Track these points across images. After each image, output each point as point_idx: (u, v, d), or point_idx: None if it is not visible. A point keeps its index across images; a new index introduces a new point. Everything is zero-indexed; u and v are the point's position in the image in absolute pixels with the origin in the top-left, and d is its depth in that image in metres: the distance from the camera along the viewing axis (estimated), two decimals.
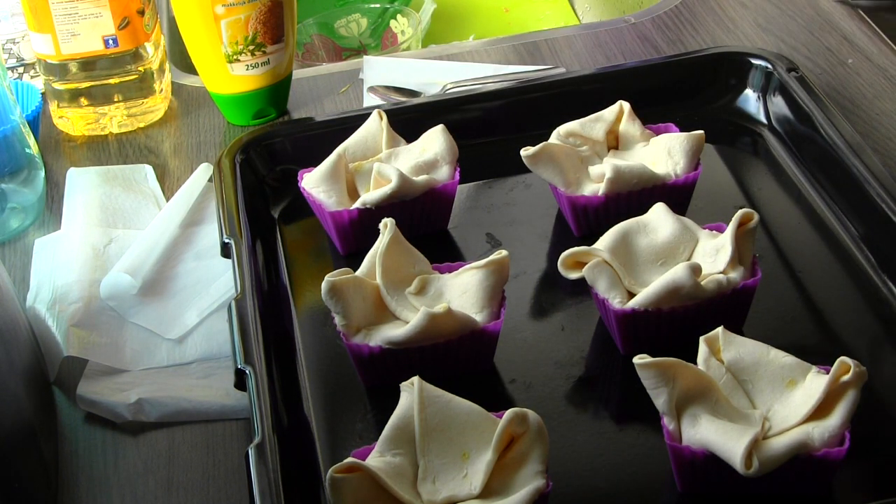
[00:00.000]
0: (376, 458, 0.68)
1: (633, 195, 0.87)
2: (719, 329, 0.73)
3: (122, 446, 0.79)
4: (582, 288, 0.80)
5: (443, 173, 0.90)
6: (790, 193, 0.93)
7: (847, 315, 0.82)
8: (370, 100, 1.10)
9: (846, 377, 0.68)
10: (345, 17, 1.50)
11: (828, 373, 0.68)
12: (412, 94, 1.09)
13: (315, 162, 0.91)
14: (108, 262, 0.91)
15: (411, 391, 0.70)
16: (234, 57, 1.03)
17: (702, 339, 0.72)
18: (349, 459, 0.67)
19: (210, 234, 0.95)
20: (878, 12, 1.16)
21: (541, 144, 0.88)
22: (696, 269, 0.76)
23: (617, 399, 0.79)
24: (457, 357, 0.78)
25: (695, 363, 0.71)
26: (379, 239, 0.80)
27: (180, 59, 1.19)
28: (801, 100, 0.96)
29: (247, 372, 0.75)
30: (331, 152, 0.90)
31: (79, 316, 0.86)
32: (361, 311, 0.78)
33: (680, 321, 0.77)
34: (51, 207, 1.00)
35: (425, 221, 0.90)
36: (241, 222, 0.88)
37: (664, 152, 0.89)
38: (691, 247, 0.81)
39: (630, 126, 0.92)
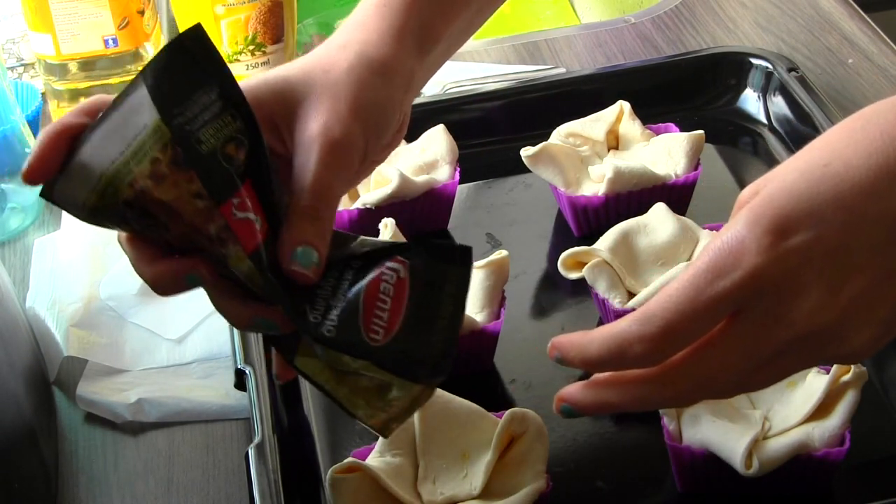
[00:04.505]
0: (376, 459, 0.68)
1: (633, 195, 0.87)
2: None
3: (122, 446, 0.79)
4: (582, 288, 0.80)
5: (443, 173, 0.90)
6: None
7: None
8: None
9: (846, 377, 0.68)
10: (345, 18, 1.50)
11: (828, 373, 0.68)
12: None
13: None
14: (108, 262, 0.91)
15: None
16: (234, 57, 1.03)
17: None
18: (349, 459, 0.67)
19: None
20: (877, 12, 1.16)
21: (541, 144, 0.88)
22: None
23: None
24: (457, 357, 0.77)
25: None
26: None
27: None
28: (801, 100, 0.96)
29: (247, 372, 0.75)
30: None
31: (79, 316, 0.86)
32: None
33: None
34: (51, 207, 0.99)
35: (425, 221, 0.90)
36: None
37: (664, 152, 0.89)
38: (691, 247, 0.81)
39: (630, 126, 0.92)
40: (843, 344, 0.51)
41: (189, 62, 0.54)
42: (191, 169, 0.53)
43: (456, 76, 1.10)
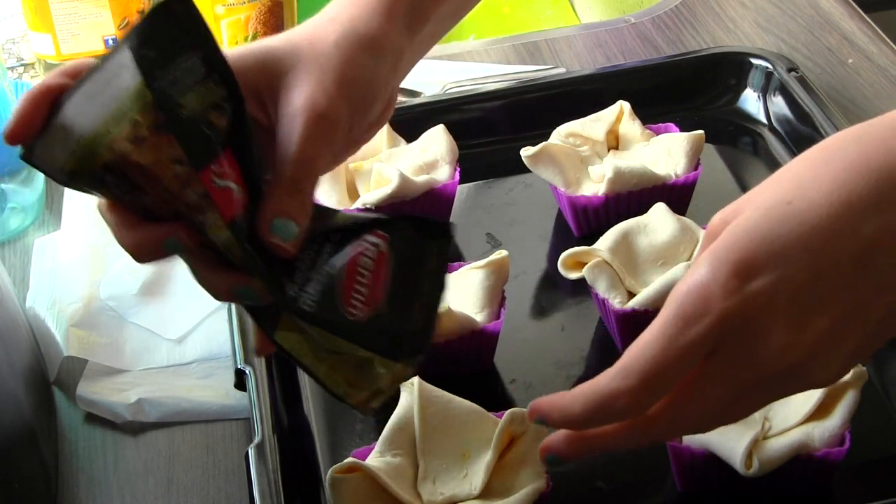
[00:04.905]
0: (376, 459, 0.68)
1: (633, 195, 0.87)
2: None
3: (122, 446, 0.79)
4: (582, 288, 0.80)
5: (443, 173, 0.90)
6: None
7: None
8: None
9: (846, 377, 0.68)
10: None
11: None
12: (412, 94, 1.09)
13: None
14: (108, 262, 0.91)
15: (411, 391, 0.70)
16: None
17: None
18: (349, 459, 0.67)
19: None
20: (878, 12, 1.16)
21: (541, 144, 0.88)
22: None
23: None
24: (457, 357, 0.78)
25: None
26: None
27: None
28: (801, 100, 0.96)
29: (247, 372, 0.75)
30: None
31: (79, 316, 0.86)
32: None
33: None
34: (51, 207, 0.99)
35: None
36: None
37: (664, 152, 0.89)
38: (691, 247, 0.81)
39: (630, 126, 0.92)
40: (814, 376, 0.52)
41: (174, 26, 0.52)
42: (171, 133, 0.52)
43: (456, 76, 1.10)
